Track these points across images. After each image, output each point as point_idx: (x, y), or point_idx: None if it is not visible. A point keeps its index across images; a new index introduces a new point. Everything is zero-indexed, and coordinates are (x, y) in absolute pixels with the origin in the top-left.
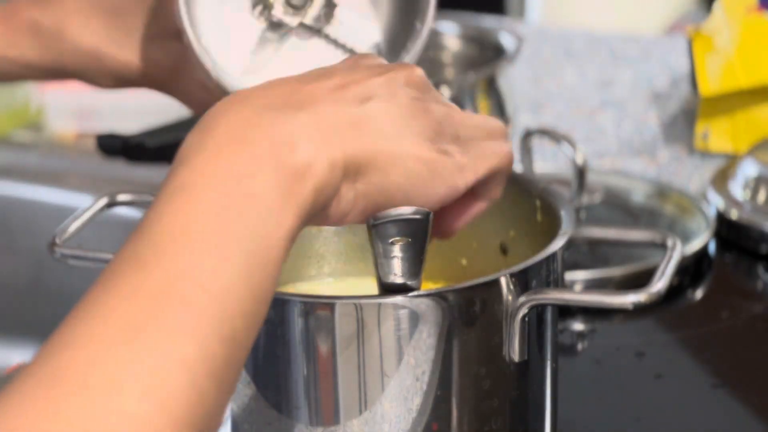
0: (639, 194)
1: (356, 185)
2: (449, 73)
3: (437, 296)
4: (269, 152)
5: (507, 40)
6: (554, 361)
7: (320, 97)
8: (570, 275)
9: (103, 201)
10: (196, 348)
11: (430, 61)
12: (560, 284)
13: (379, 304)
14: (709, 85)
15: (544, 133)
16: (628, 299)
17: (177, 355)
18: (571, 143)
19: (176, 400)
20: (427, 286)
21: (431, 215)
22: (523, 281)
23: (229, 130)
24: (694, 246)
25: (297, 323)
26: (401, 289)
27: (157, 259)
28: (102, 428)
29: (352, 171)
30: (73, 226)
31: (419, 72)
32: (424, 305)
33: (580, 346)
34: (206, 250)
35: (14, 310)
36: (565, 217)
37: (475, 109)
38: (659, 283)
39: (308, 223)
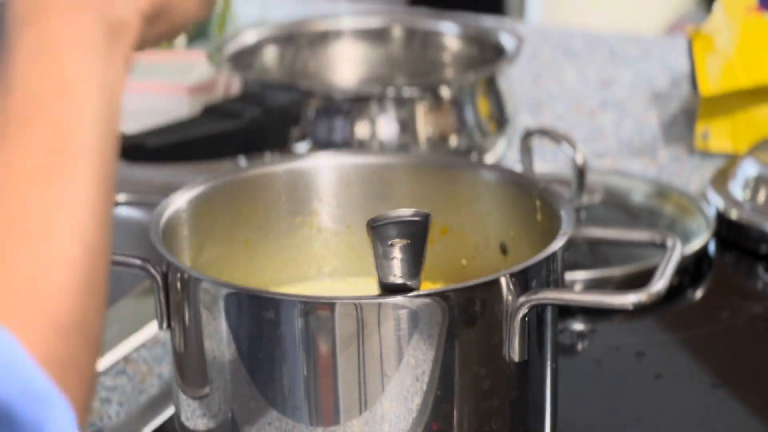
0: (639, 194)
1: (154, 27)
2: (449, 73)
3: (437, 296)
4: (101, 16)
5: (507, 40)
6: (554, 361)
7: None
8: (570, 275)
9: None
10: (95, 191)
11: (430, 61)
12: (560, 284)
13: (379, 304)
14: (709, 85)
15: (544, 133)
16: (629, 299)
17: (85, 198)
18: (571, 143)
19: (92, 238)
20: (427, 286)
21: (430, 217)
22: (523, 281)
23: None
24: (694, 246)
25: (297, 323)
26: (401, 290)
27: (41, 116)
28: (46, 273)
29: (152, 18)
30: None
31: None
32: (424, 305)
33: (580, 346)
34: (80, 107)
35: None
36: (565, 217)
37: (475, 110)
38: (659, 283)
39: None
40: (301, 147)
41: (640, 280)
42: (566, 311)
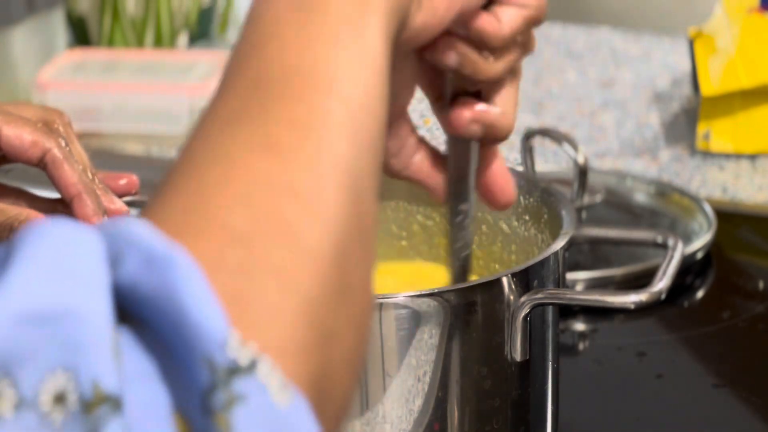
0: (640, 194)
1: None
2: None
3: (439, 296)
4: None
5: None
6: (555, 361)
7: None
8: (571, 275)
9: None
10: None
11: None
12: (561, 284)
13: (380, 304)
14: (710, 85)
15: (546, 133)
16: (630, 299)
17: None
18: (573, 143)
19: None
20: (430, 285)
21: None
22: (524, 281)
23: None
24: (695, 246)
25: None
26: None
27: (298, 96)
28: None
29: None
30: None
31: None
32: (426, 305)
33: (581, 346)
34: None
35: None
36: (567, 217)
37: None
38: (660, 283)
39: (397, 39)
40: None
41: (641, 280)
42: (567, 311)
